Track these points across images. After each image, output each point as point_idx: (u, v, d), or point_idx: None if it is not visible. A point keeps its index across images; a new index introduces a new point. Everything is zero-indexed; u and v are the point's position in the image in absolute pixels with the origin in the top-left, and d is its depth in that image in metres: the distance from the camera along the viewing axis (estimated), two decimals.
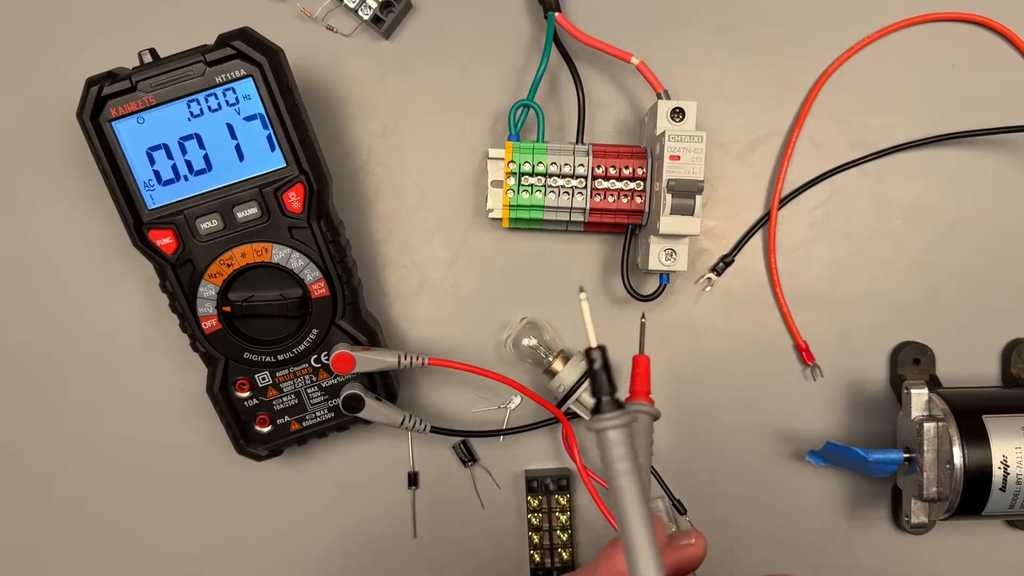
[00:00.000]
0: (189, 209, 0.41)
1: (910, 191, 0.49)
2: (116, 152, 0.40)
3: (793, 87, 0.48)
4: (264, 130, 0.41)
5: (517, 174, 0.44)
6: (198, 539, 0.49)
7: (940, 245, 0.49)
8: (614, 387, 0.25)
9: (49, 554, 0.49)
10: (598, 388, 0.25)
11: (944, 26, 0.49)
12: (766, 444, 0.49)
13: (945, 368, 0.48)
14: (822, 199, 0.49)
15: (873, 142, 0.48)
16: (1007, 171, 0.48)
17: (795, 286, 0.48)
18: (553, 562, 0.48)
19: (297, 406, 0.45)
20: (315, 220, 0.42)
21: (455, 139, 0.48)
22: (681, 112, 0.43)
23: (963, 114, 0.48)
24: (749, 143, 0.49)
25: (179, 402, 0.48)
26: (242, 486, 0.49)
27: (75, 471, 0.49)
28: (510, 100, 0.48)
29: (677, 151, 0.41)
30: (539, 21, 0.48)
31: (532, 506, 0.48)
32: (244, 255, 0.42)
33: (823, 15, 0.48)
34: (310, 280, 0.42)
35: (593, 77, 0.48)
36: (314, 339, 0.43)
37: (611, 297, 0.49)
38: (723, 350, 0.49)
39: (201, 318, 0.42)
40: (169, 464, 0.49)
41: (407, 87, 0.48)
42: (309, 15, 0.47)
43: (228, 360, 0.44)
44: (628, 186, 0.44)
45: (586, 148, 0.44)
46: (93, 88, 0.39)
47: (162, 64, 0.40)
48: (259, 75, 0.40)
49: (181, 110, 0.40)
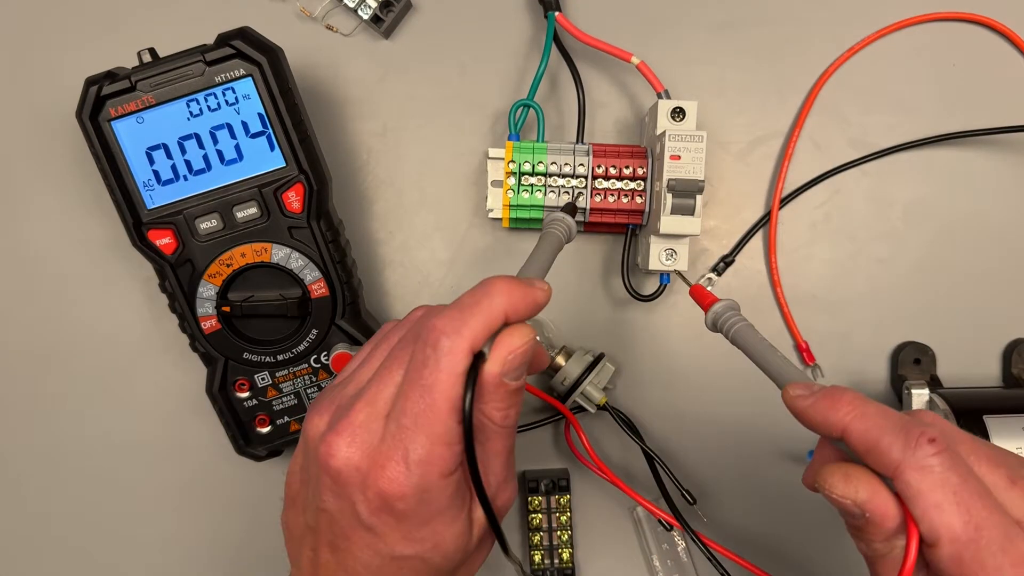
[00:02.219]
0: (188, 209, 0.41)
1: (911, 191, 0.48)
2: (115, 152, 0.40)
3: (794, 87, 0.48)
4: (264, 130, 0.40)
5: (517, 174, 0.44)
6: (197, 539, 0.49)
7: (941, 245, 0.48)
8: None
9: (46, 554, 0.49)
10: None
11: (945, 26, 0.49)
12: (767, 444, 0.48)
13: (946, 368, 0.48)
14: (823, 199, 0.49)
15: (874, 142, 0.48)
16: (1009, 171, 0.48)
17: (796, 286, 0.48)
18: (553, 562, 0.48)
19: (297, 406, 0.45)
20: (315, 220, 0.42)
21: (455, 139, 0.48)
22: (681, 112, 0.43)
23: (964, 114, 0.48)
24: (749, 143, 0.49)
25: (178, 402, 0.48)
26: (241, 486, 0.49)
27: (73, 471, 0.49)
28: (510, 100, 0.48)
29: (677, 151, 0.41)
30: (539, 21, 0.48)
31: (532, 506, 0.48)
32: (244, 255, 0.42)
33: (824, 15, 0.48)
34: (310, 280, 0.42)
35: (593, 77, 0.48)
36: (314, 339, 0.43)
37: (611, 297, 0.49)
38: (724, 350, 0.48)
39: (200, 318, 0.42)
40: (168, 464, 0.49)
41: (407, 87, 0.48)
42: (309, 15, 0.47)
43: (227, 360, 0.44)
44: (628, 186, 0.44)
45: (586, 148, 0.44)
46: (92, 88, 0.39)
47: (161, 64, 0.40)
48: (258, 75, 0.40)
49: (180, 110, 0.40)
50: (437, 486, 0.29)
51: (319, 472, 0.30)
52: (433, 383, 0.28)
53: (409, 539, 0.30)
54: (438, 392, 0.28)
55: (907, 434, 0.26)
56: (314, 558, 0.32)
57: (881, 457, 0.26)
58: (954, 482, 0.26)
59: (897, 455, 0.26)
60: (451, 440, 0.29)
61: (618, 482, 0.44)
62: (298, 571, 0.33)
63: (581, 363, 0.45)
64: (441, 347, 0.28)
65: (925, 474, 0.26)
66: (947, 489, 0.25)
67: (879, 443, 0.26)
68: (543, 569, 0.48)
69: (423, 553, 0.30)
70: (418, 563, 0.30)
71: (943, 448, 0.26)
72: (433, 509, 0.29)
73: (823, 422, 0.28)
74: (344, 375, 0.34)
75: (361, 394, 0.30)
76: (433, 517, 0.30)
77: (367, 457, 0.29)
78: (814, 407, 0.29)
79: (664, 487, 0.46)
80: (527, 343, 0.30)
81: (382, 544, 0.30)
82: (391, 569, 0.30)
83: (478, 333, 0.29)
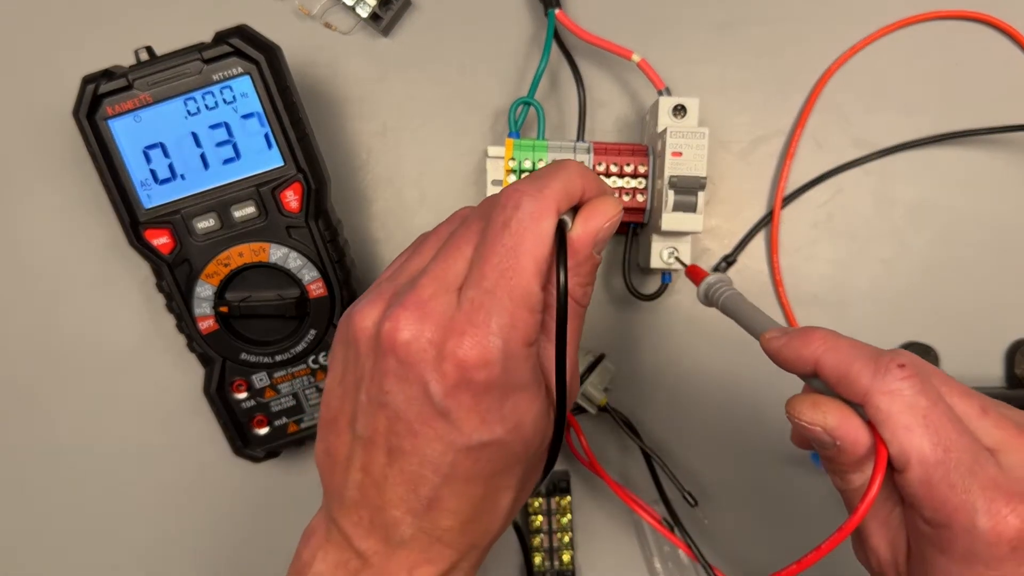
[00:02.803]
0: (186, 208, 0.41)
1: (914, 190, 0.48)
2: (112, 151, 0.40)
3: (796, 85, 0.48)
4: (262, 128, 0.40)
5: (517, 172, 0.44)
6: (194, 540, 0.49)
7: (944, 245, 0.48)
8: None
9: (43, 554, 0.49)
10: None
11: (948, 24, 0.48)
12: (769, 445, 0.48)
13: (949, 368, 0.48)
14: (825, 198, 0.48)
15: (876, 141, 0.48)
16: (1012, 170, 0.48)
17: (798, 286, 0.48)
18: (554, 564, 0.47)
19: (295, 407, 0.45)
20: (313, 219, 0.42)
21: (454, 137, 0.48)
22: (683, 109, 0.43)
23: (967, 112, 0.48)
24: (751, 142, 0.48)
25: (176, 403, 0.48)
26: (239, 488, 0.49)
27: (70, 471, 0.49)
28: (510, 98, 0.47)
29: (679, 147, 0.41)
30: (539, 18, 0.47)
31: (532, 507, 0.47)
32: (241, 255, 0.41)
33: (826, 13, 0.48)
34: (308, 280, 0.42)
35: (594, 74, 0.48)
36: (312, 340, 0.43)
37: (612, 296, 0.48)
38: (725, 350, 0.48)
39: (198, 318, 0.42)
40: (165, 465, 0.48)
41: (406, 85, 0.48)
42: (307, 13, 0.47)
43: (225, 361, 0.43)
44: (630, 184, 0.44)
45: (587, 146, 0.44)
46: (89, 86, 0.39)
47: (159, 62, 0.39)
48: (256, 73, 0.39)
49: (178, 108, 0.40)
50: (520, 354, 0.27)
51: (378, 359, 0.27)
52: (517, 243, 0.26)
53: (487, 421, 0.26)
54: (523, 252, 0.26)
55: (877, 362, 0.26)
56: (364, 479, 0.28)
57: (852, 385, 0.27)
58: (923, 405, 0.26)
59: (867, 381, 0.26)
60: (534, 306, 0.27)
61: (616, 487, 0.44)
62: (340, 505, 0.29)
63: (581, 364, 0.45)
64: (523, 207, 0.27)
65: (894, 397, 0.26)
66: (916, 412, 0.26)
67: (849, 371, 0.27)
68: (544, 571, 0.47)
69: (503, 436, 0.27)
70: (495, 451, 0.27)
71: (912, 373, 0.26)
72: (515, 381, 0.27)
73: (797, 359, 0.29)
74: (388, 272, 0.30)
75: (425, 272, 0.28)
76: (515, 391, 0.27)
77: (441, 328, 0.26)
78: (788, 345, 0.29)
79: (663, 490, 0.46)
80: (618, 213, 0.29)
81: (456, 433, 0.26)
82: (464, 465, 0.27)
83: (561, 198, 0.28)
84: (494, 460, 0.27)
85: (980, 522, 0.25)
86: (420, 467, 0.27)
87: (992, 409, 0.27)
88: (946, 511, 0.25)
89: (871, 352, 0.27)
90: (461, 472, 0.27)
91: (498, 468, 0.28)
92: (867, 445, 0.27)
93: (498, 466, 0.28)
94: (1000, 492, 0.25)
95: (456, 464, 0.27)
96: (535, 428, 0.28)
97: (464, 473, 0.27)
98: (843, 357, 0.27)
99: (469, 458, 0.27)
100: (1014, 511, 0.25)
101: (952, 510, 0.25)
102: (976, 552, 0.25)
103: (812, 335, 0.28)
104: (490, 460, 0.27)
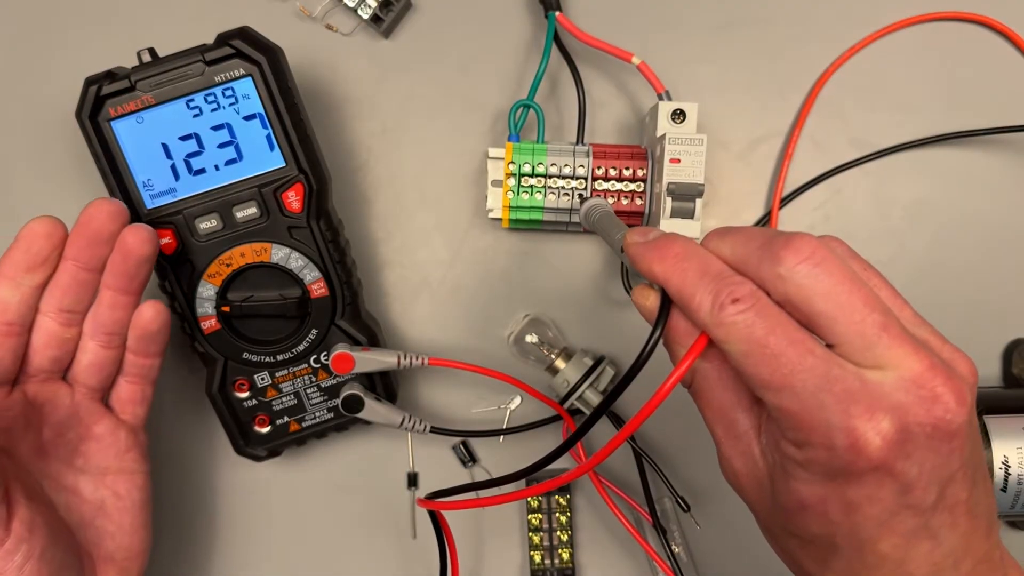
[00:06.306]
0: (188, 209, 0.41)
1: (912, 191, 0.48)
2: (115, 152, 0.40)
3: (794, 86, 0.48)
4: (263, 129, 0.40)
5: (517, 175, 0.44)
6: (195, 540, 0.49)
7: (942, 245, 0.48)
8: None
9: None
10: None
11: (946, 25, 0.48)
12: None
13: None
14: (823, 199, 0.48)
15: (875, 141, 0.48)
16: (1009, 171, 0.48)
17: None
18: (553, 562, 0.48)
19: (296, 407, 0.45)
20: (314, 220, 0.42)
21: (455, 139, 0.48)
22: (682, 114, 0.43)
23: (966, 113, 0.48)
24: (750, 142, 0.48)
25: (177, 402, 0.48)
26: (241, 487, 0.49)
27: None
28: (510, 100, 0.47)
29: (677, 154, 0.41)
30: (539, 20, 0.48)
31: (532, 506, 0.48)
32: (243, 255, 0.42)
33: (825, 14, 0.48)
34: (309, 280, 0.42)
35: (594, 77, 0.48)
36: (313, 339, 0.43)
37: (610, 299, 0.49)
38: None
39: (200, 318, 0.42)
40: (167, 464, 0.49)
41: (407, 86, 0.48)
42: (308, 14, 0.47)
43: (227, 360, 0.44)
44: (628, 187, 0.44)
45: (586, 149, 0.44)
46: (92, 88, 0.39)
47: (161, 63, 0.39)
48: (258, 74, 0.40)
49: (180, 109, 0.40)
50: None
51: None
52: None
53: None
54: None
55: (715, 294, 0.27)
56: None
57: (692, 317, 0.28)
58: (759, 334, 0.26)
59: (704, 316, 0.27)
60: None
61: (607, 498, 0.44)
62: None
63: (579, 367, 0.45)
64: None
65: (728, 330, 0.26)
66: (752, 341, 0.26)
67: (690, 303, 0.27)
68: (543, 569, 0.48)
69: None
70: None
71: (749, 305, 0.26)
72: None
73: (647, 272, 0.29)
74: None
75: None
76: None
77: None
78: (642, 255, 0.29)
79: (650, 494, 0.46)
80: None
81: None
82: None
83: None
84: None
85: (837, 439, 0.25)
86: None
87: (895, 325, 0.26)
88: (804, 430, 0.25)
89: (714, 277, 0.27)
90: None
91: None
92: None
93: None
94: (861, 407, 0.24)
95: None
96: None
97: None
98: (686, 283, 0.28)
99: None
100: (875, 428, 0.24)
101: (809, 429, 0.25)
102: (838, 469, 0.25)
103: (667, 250, 0.29)
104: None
